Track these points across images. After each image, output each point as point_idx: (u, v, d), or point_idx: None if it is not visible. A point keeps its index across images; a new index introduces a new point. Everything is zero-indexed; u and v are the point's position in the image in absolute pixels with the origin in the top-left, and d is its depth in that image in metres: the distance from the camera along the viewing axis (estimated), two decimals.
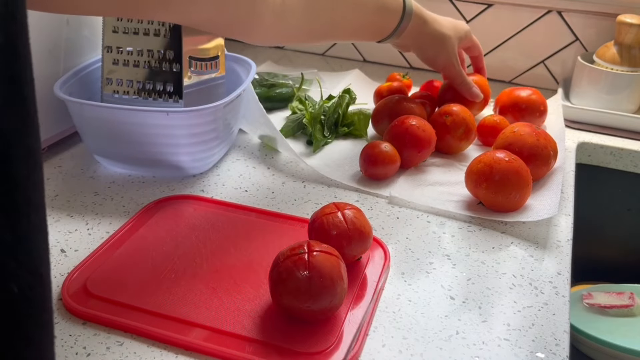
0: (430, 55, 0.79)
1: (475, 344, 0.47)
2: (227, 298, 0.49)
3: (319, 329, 0.46)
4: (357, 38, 0.74)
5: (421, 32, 0.75)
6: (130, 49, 0.69)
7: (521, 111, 0.83)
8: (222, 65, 0.74)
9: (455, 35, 0.79)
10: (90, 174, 0.71)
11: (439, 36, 0.77)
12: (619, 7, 0.96)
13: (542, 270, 0.56)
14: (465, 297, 0.52)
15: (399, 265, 0.56)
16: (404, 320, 0.49)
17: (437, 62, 0.79)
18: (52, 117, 0.72)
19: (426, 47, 0.78)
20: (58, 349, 0.45)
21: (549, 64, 1.06)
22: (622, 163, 0.86)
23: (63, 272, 0.53)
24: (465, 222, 0.64)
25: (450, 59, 0.79)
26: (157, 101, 0.69)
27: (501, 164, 0.63)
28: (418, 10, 0.74)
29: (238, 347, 0.44)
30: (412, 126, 0.72)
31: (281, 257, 0.47)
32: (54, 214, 0.62)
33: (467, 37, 0.82)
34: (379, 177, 0.71)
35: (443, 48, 0.78)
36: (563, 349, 0.47)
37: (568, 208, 0.67)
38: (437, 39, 0.77)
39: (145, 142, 0.66)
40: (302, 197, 0.67)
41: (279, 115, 0.89)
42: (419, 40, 0.77)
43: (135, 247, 0.56)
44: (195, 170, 0.71)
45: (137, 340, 0.46)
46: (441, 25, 0.77)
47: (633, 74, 0.89)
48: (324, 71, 1.08)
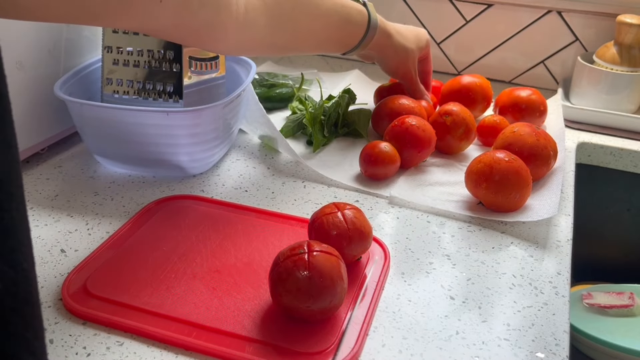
0: (392, 67, 0.83)
1: (475, 344, 0.47)
2: (227, 298, 0.49)
3: (319, 329, 0.46)
4: (321, 50, 0.75)
5: (385, 45, 0.78)
6: (130, 49, 0.69)
7: (521, 111, 0.83)
8: (222, 65, 0.74)
9: (417, 46, 0.83)
10: (90, 174, 0.71)
11: (402, 49, 0.80)
12: (619, 7, 0.96)
13: (542, 270, 0.56)
14: (465, 297, 0.52)
15: (399, 265, 0.56)
16: (404, 320, 0.49)
17: (397, 72, 0.83)
18: (52, 117, 0.72)
19: (389, 59, 0.81)
20: (58, 349, 0.45)
21: (549, 64, 1.06)
22: (622, 163, 0.86)
23: (63, 272, 0.53)
24: (465, 222, 0.64)
25: (409, 70, 0.83)
26: (157, 101, 0.69)
27: (501, 164, 0.63)
28: (382, 24, 0.76)
29: (238, 347, 0.44)
30: (412, 126, 0.72)
31: (281, 257, 0.47)
32: (54, 214, 0.62)
33: (426, 46, 0.86)
34: (379, 177, 0.71)
35: (405, 60, 0.81)
36: (563, 349, 0.47)
37: (568, 208, 0.67)
38: (400, 52, 0.80)
39: (145, 142, 0.66)
40: (302, 197, 0.67)
41: (279, 115, 0.89)
42: (382, 53, 0.80)
43: (135, 247, 0.56)
44: (195, 170, 0.71)
45: (137, 340, 0.46)
46: (405, 38, 0.80)
47: (633, 74, 0.89)
48: (324, 71, 1.08)
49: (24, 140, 0.69)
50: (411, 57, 0.82)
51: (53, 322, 0.47)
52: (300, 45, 0.70)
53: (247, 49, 0.65)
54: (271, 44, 0.65)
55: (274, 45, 0.66)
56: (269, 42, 0.64)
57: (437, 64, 1.12)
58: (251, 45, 0.63)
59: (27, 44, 0.66)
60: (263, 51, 0.67)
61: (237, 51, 0.64)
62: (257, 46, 0.64)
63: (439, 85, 0.93)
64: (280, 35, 0.65)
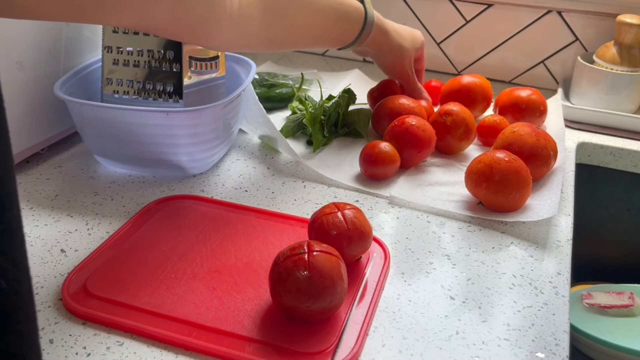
0: (388, 64, 0.83)
1: (475, 344, 0.47)
2: (227, 298, 0.49)
3: (319, 329, 0.46)
4: (317, 45, 0.75)
5: (382, 43, 0.79)
6: (130, 49, 0.69)
7: (521, 111, 0.83)
8: (222, 65, 0.74)
9: (412, 46, 0.83)
10: (90, 174, 0.71)
11: (397, 48, 0.80)
12: (619, 7, 0.96)
13: (542, 270, 0.56)
14: (465, 297, 0.52)
15: (399, 265, 0.56)
16: (404, 320, 0.49)
17: (394, 71, 0.84)
18: (52, 117, 0.72)
19: (385, 57, 0.82)
20: (58, 349, 0.45)
21: (549, 64, 1.06)
22: (622, 163, 0.86)
23: (63, 272, 0.53)
24: (465, 222, 0.64)
25: (405, 69, 0.83)
26: (157, 101, 0.69)
27: (501, 164, 0.63)
28: (379, 21, 0.76)
29: (238, 347, 0.44)
30: (412, 126, 0.72)
31: (281, 257, 0.47)
32: (54, 214, 0.62)
33: (421, 47, 0.86)
34: (379, 177, 0.71)
35: (401, 59, 0.82)
36: (563, 349, 0.47)
37: (568, 208, 0.67)
38: (396, 50, 0.81)
39: (145, 142, 0.66)
40: (302, 197, 0.67)
41: (279, 115, 0.89)
42: (378, 50, 0.80)
43: (135, 247, 0.56)
44: (195, 170, 0.71)
45: (137, 340, 0.46)
46: (401, 37, 0.81)
47: (633, 74, 0.89)
48: (324, 71, 1.08)
49: (24, 140, 0.69)
50: (407, 56, 0.82)
51: (53, 322, 0.47)
52: (296, 41, 0.71)
53: (242, 45, 0.64)
54: (266, 40, 0.65)
55: (269, 41, 0.66)
56: (265, 38, 0.64)
57: (437, 64, 1.12)
58: (246, 40, 0.63)
59: (27, 44, 0.66)
60: (258, 47, 0.67)
61: (232, 47, 0.64)
62: (252, 42, 0.64)
63: (439, 85, 0.93)
64: (276, 31, 0.65)
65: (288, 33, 0.67)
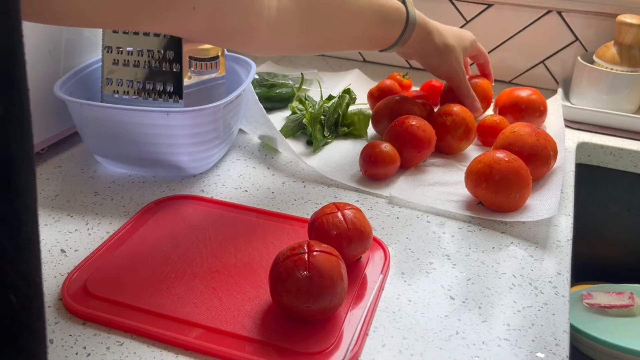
0: (433, 65, 0.80)
1: (475, 344, 0.47)
2: (227, 298, 0.49)
3: (319, 329, 0.46)
4: (357, 48, 0.74)
5: (424, 43, 0.75)
6: (130, 49, 0.69)
7: (521, 111, 0.83)
8: (222, 65, 0.74)
9: (459, 45, 0.79)
10: (90, 174, 0.71)
11: (442, 47, 0.77)
12: (619, 7, 0.96)
13: (542, 270, 0.56)
14: (465, 297, 0.52)
15: (399, 265, 0.56)
16: (404, 320, 0.49)
17: (440, 71, 0.80)
18: (52, 117, 0.72)
19: (429, 57, 0.78)
20: (58, 349, 0.45)
21: (549, 64, 1.06)
22: (622, 163, 0.86)
23: (63, 272, 0.53)
24: (465, 222, 0.64)
25: (454, 69, 0.79)
26: (157, 101, 0.69)
27: (501, 164, 0.63)
28: (422, 21, 0.73)
29: (238, 347, 0.44)
30: (412, 126, 0.72)
31: (281, 257, 0.47)
32: (54, 214, 0.62)
33: (472, 46, 0.83)
34: (379, 177, 0.71)
35: (446, 58, 0.78)
36: (563, 349, 0.47)
37: (568, 208, 0.67)
38: (440, 50, 0.77)
39: (145, 142, 0.66)
40: (302, 197, 0.67)
41: (279, 115, 0.89)
42: (421, 50, 0.77)
43: (135, 247, 0.56)
44: (195, 170, 0.71)
45: (137, 340, 0.46)
46: (445, 36, 0.77)
47: (633, 74, 0.89)
48: (324, 71, 1.08)
49: None
50: (453, 56, 0.78)
51: (53, 322, 0.47)
52: (335, 45, 0.69)
53: (280, 49, 0.64)
54: (305, 44, 0.65)
55: (307, 45, 0.65)
56: (303, 42, 0.64)
57: None
58: (284, 45, 0.63)
59: (27, 44, 0.66)
60: (297, 50, 0.67)
61: (270, 52, 0.64)
62: (290, 46, 0.64)
63: (439, 85, 0.93)
64: (314, 35, 0.64)
65: (327, 37, 0.66)
